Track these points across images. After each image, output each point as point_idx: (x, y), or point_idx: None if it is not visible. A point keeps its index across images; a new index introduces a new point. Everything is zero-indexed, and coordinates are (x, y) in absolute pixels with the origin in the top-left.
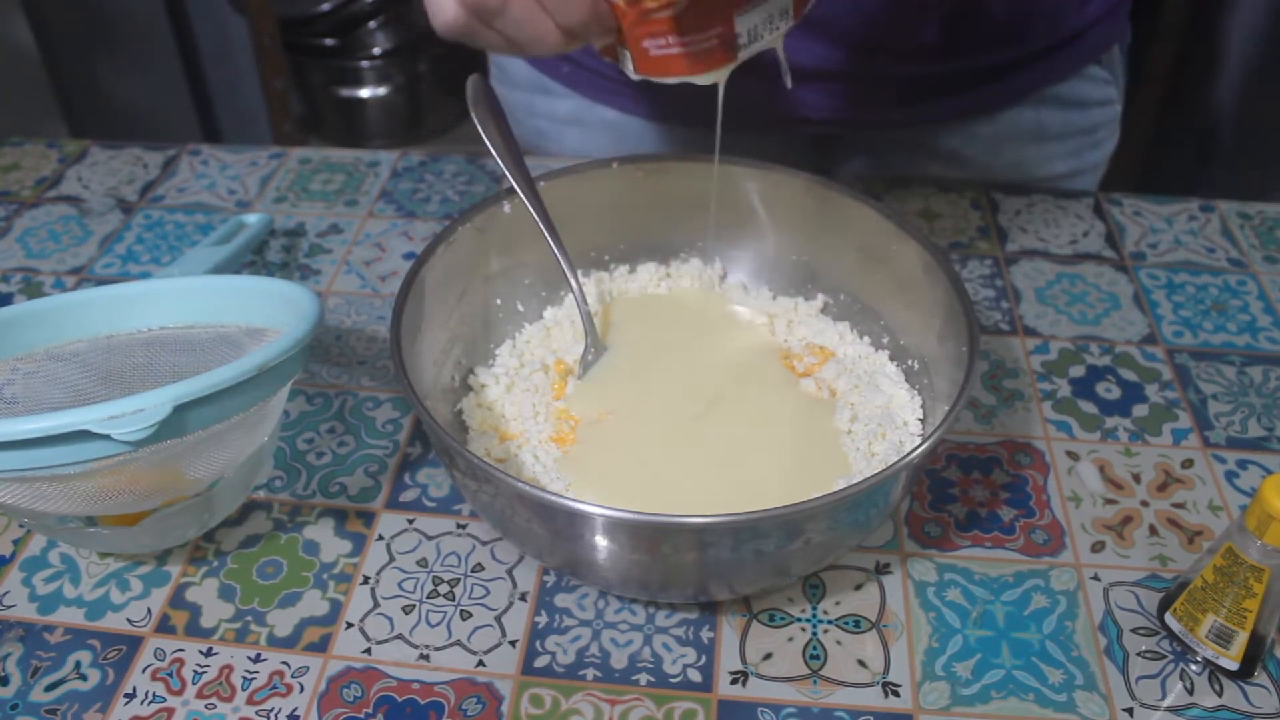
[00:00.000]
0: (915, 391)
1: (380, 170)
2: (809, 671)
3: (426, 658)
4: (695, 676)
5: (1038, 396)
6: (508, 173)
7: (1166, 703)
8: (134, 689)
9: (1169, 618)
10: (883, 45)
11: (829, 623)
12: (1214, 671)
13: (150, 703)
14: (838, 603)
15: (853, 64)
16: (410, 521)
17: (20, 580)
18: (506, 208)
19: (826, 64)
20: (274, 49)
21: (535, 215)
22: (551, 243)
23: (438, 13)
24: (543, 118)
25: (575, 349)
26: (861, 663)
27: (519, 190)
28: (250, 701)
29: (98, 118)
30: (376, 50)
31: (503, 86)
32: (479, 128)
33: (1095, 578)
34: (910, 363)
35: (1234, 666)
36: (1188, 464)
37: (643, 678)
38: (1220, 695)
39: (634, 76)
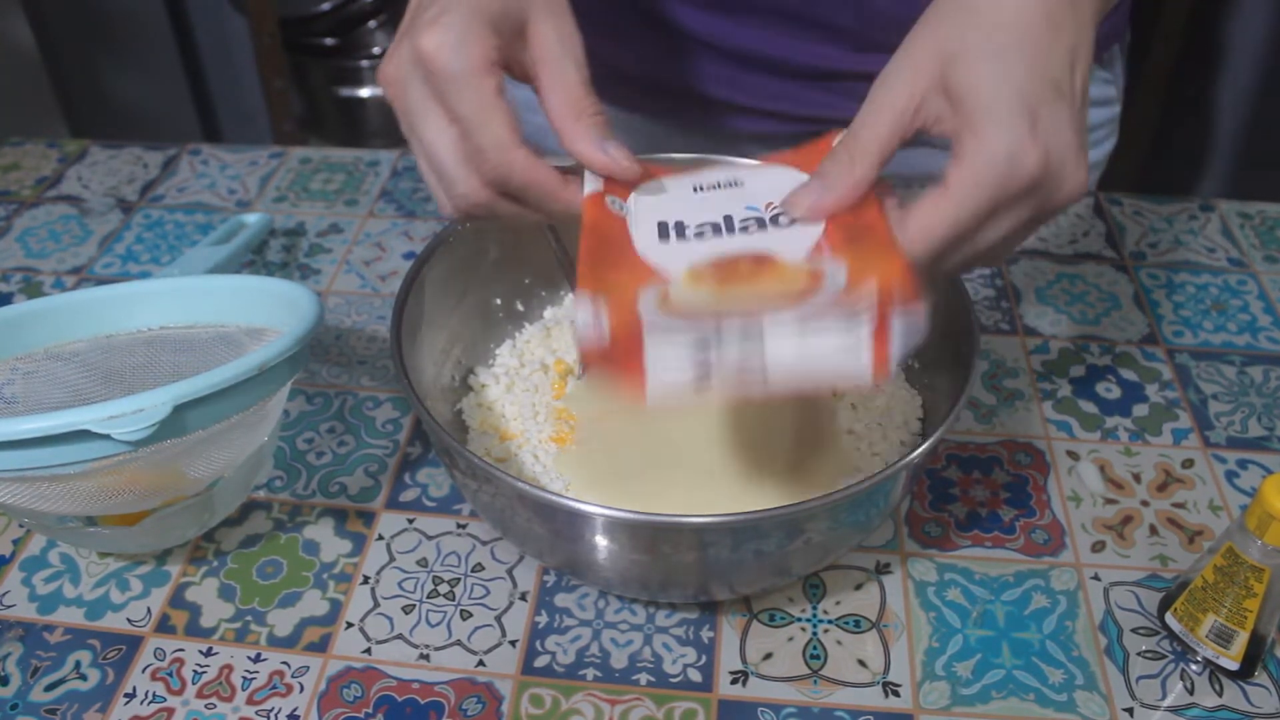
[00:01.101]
0: (915, 391)
1: (380, 170)
2: (809, 671)
3: (426, 657)
4: (695, 676)
5: (1038, 396)
6: None
7: (1167, 703)
8: (134, 689)
9: (1169, 618)
10: (884, 42)
11: (829, 622)
12: (1214, 671)
13: (150, 702)
14: (838, 602)
15: (856, 62)
16: (410, 521)
17: (20, 580)
18: None
19: (831, 63)
20: (274, 48)
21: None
22: (554, 244)
23: (441, 208)
24: (541, 114)
25: (573, 350)
26: (862, 662)
27: None
28: (250, 701)
29: (98, 117)
30: (376, 50)
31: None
32: None
33: (1095, 577)
34: (911, 363)
35: (1234, 666)
36: (1188, 464)
37: (643, 677)
38: (1220, 695)
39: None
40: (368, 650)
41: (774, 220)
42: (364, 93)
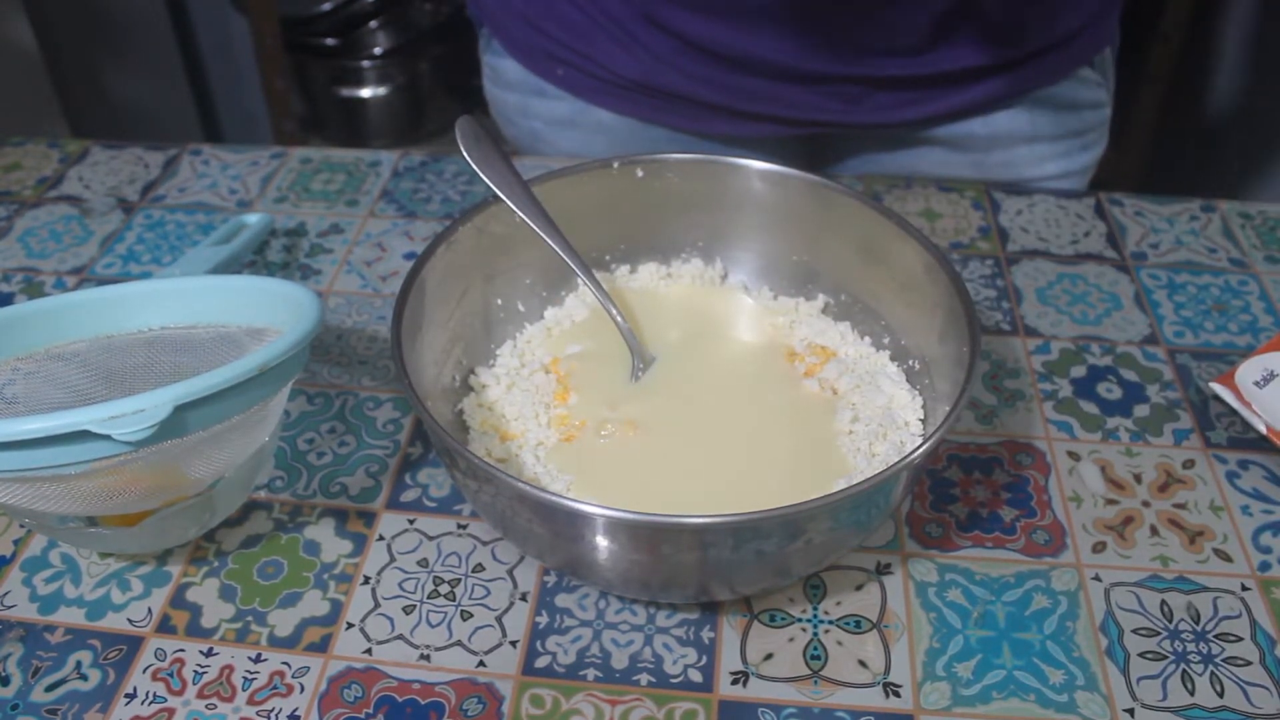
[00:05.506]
0: (916, 392)
1: (381, 170)
2: (810, 672)
3: (427, 658)
4: (696, 677)
5: (1039, 397)
6: (519, 212)
7: (1168, 703)
8: (135, 689)
9: None
10: (875, 46)
11: (830, 623)
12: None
13: (151, 703)
14: (839, 603)
15: (849, 65)
16: (411, 522)
17: (21, 580)
18: None
19: (824, 67)
20: (275, 49)
21: (565, 256)
22: (585, 279)
23: None
24: (537, 119)
25: (573, 349)
26: (862, 663)
27: (536, 229)
28: (251, 702)
29: (99, 117)
30: (378, 50)
31: (496, 88)
32: (476, 169)
33: (1096, 578)
34: (911, 363)
35: None
36: (1189, 464)
37: (643, 678)
38: (1221, 696)
39: None
40: (368, 651)
41: None
42: (365, 93)
